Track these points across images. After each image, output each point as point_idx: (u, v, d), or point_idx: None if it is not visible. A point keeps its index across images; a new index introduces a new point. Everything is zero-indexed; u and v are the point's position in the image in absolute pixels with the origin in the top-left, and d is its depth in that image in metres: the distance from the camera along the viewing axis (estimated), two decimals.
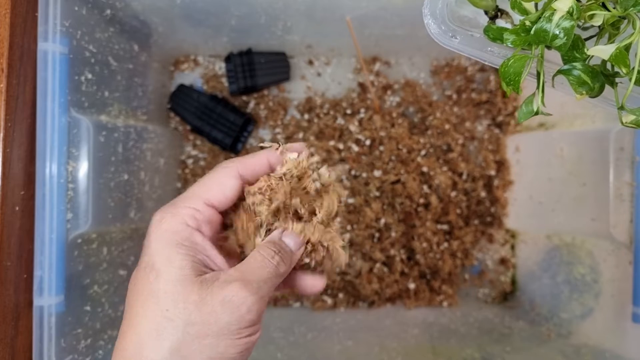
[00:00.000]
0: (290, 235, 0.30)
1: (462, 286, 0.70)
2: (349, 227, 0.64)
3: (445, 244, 0.67)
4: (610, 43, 0.23)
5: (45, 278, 0.43)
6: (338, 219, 0.33)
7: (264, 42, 0.66)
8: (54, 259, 0.43)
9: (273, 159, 0.31)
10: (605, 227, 0.50)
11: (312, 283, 0.32)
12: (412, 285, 0.66)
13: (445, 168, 0.67)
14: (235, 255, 0.32)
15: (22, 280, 0.44)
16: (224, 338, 0.25)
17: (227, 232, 0.32)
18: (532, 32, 0.23)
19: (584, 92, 0.24)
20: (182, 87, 0.68)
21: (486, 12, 0.28)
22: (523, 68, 0.24)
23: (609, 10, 0.23)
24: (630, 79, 0.23)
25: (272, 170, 0.31)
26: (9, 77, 0.43)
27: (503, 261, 0.70)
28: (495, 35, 0.24)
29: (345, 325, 0.60)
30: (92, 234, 0.49)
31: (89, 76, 0.48)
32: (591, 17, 0.24)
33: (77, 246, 0.47)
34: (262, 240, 0.30)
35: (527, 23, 0.23)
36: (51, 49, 0.43)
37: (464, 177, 0.68)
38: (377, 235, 0.65)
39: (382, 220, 0.64)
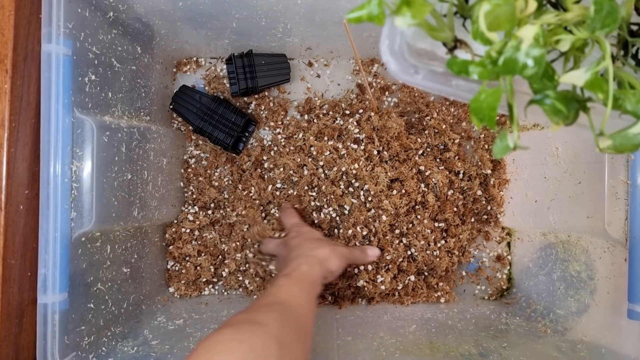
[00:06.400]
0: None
1: (459, 283, 0.70)
2: (349, 226, 0.65)
3: (442, 242, 0.67)
4: (577, 67, 0.22)
5: (49, 276, 0.44)
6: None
7: (264, 44, 0.66)
8: (58, 257, 0.44)
9: None
10: (601, 224, 0.51)
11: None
12: (409, 282, 0.67)
13: (442, 167, 0.68)
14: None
15: (26, 278, 0.45)
16: None
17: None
18: (500, 62, 0.21)
19: (559, 120, 0.22)
20: (184, 88, 0.68)
21: (444, 44, 0.26)
22: (497, 102, 0.22)
23: (573, 34, 0.22)
24: (605, 104, 0.21)
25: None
26: (13, 78, 0.43)
27: (499, 258, 0.70)
28: (459, 69, 0.22)
29: (344, 321, 0.60)
30: (96, 232, 0.49)
31: (93, 77, 0.48)
32: (557, 42, 0.22)
33: (81, 244, 0.47)
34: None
35: (493, 53, 0.21)
36: (55, 50, 0.43)
37: (461, 175, 0.68)
38: (375, 232, 0.65)
39: (381, 218, 0.64)
